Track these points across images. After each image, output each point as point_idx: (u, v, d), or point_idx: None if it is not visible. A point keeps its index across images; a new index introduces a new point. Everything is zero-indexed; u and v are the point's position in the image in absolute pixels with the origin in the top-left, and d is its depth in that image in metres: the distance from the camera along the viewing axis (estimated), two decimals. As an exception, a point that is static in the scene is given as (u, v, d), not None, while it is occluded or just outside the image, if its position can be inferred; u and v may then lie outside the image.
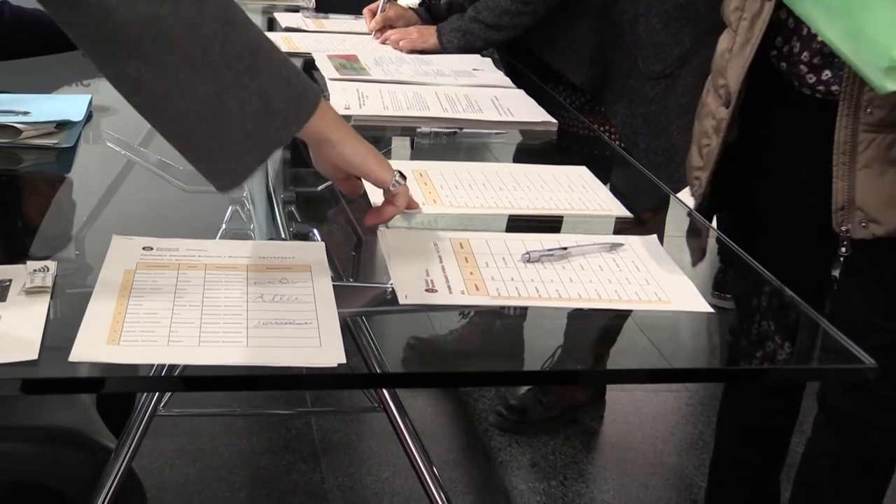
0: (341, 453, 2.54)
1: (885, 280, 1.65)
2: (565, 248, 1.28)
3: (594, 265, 1.27)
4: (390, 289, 1.18)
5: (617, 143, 2.28)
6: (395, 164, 1.63)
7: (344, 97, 1.90)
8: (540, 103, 1.98)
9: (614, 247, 1.32)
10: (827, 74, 1.60)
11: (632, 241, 1.34)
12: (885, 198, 1.55)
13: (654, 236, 1.37)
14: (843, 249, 1.60)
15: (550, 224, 1.44)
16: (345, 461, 2.51)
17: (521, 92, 2.06)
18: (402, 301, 1.15)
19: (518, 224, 1.44)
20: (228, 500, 2.35)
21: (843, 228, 1.58)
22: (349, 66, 2.13)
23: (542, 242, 1.31)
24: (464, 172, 1.58)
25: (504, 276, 1.22)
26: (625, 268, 1.27)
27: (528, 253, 1.26)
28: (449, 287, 1.18)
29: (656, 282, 1.25)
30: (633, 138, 2.32)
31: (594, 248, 1.30)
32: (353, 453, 2.55)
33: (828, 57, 1.58)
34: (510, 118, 1.89)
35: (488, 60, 2.30)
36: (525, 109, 1.94)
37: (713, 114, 1.75)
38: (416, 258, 1.25)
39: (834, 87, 1.58)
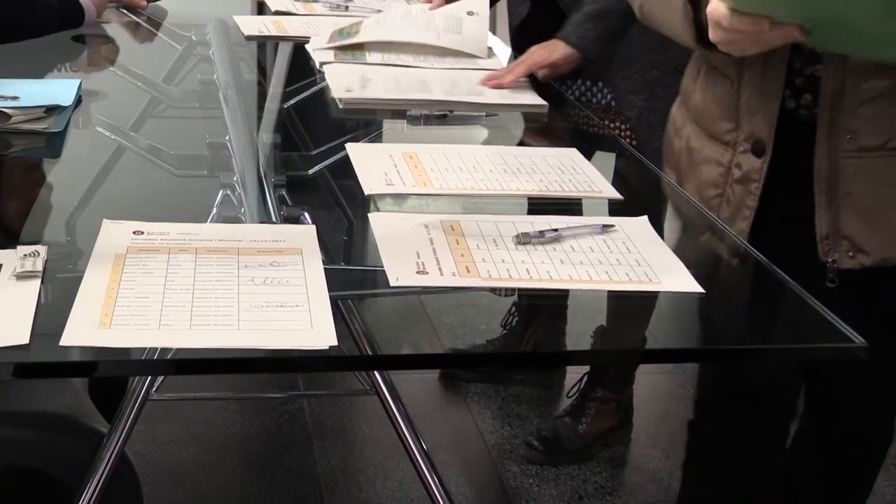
0: (334, 437, 2.54)
1: (870, 311, 1.51)
2: (556, 231, 1.28)
3: (584, 246, 1.27)
4: (381, 272, 1.18)
5: (629, 140, 2.16)
6: (386, 147, 1.64)
7: (345, 80, 1.89)
8: (534, 86, 1.98)
9: (605, 228, 1.32)
10: (807, 98, 1.48)
11: (622, 223, 1.35)
12: (871, 226, 1.46)
13: (645, 217, 1.37)
14: (830, 282, 1.49)
15: (541, 206, 1.45)
16: (337, 445, 2.51)
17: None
18: (392, 283, 1.15)
19: (508, 206, 1.44)
20: (221, 484, 2.36)
21: (830, 259, 1.49)
22: (347, 49, 2.10)
23: (532, 224, 1.31)
24: (454, 155, 1.58)
25: (495, 258, 1.22)
26: (615, 249, 1.28)
27: (519, 235, 1.27)
28: (440, 269, 1.18)
29: (647, 263, 1.25)
30: (649, 135, 2.15)
31: (585, 229, 1.31)
32: (345, 437, 2.55)
33: (809, 80, 1.48)
34: (501, 101, 1.88)
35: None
36: (517, 93, 1.94)
37: (718, 160, 1.56)
38: (406, 241, 1.25)
39: (816, 111, 1.47)
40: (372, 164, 1.52)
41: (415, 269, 1.18)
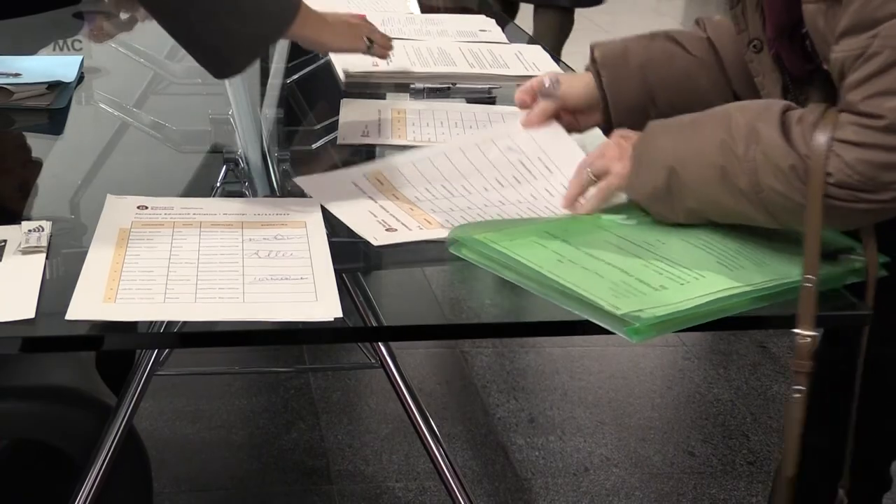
0: (340, 411, 2.55)
1: None
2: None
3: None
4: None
5: None
6: (377, 103, 1.64)
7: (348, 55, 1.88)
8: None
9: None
10: None
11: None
12: None
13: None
14: None
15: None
16: (344, 419, 2.52)
17: (538, 48, 2.03)
18: (374, 244, 1.16)
19: None
20: (228, 459, 2.37)
21: None
22: None
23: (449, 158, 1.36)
24: (441, 112, 1.60)
25: (442, 207, 1.25)
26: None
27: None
28: (404, 225, 1.21)
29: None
30: None
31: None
32: (351, 411, 2.56)
33: None
34: (504, 73, 1.87)
35: (493, 21, 2.26)
36: (526, 64, 1.92)
37: None
38: (352, 202, 1.27)
39: None
40: (357, 118, 1.53)
41: (382, 227, 1.19)
